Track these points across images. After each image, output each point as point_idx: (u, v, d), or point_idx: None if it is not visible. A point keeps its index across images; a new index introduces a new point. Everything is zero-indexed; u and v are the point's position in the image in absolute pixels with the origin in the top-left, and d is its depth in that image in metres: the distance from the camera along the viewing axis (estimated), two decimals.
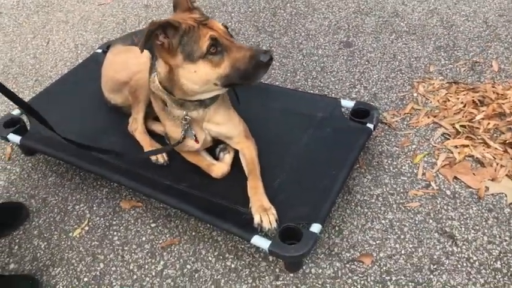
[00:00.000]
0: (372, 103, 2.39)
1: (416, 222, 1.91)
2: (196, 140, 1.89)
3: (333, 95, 2.60)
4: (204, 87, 1.66)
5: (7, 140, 2.33)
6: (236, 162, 1.99)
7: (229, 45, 1.56)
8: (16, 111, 2.46)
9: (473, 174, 2.06)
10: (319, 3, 3.47)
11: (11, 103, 2.86)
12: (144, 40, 1.50)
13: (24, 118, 2.43)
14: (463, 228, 1.87)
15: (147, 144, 2.14)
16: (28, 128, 2.39)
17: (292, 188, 1.89)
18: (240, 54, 1.54)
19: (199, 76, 1.60)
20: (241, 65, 1.55)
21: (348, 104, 2.23)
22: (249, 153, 1.96)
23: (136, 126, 2.18)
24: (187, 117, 1.80)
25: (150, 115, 2.21)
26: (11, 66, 3.31)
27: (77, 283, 1.87)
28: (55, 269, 1.94)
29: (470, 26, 2.99)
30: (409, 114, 2.41)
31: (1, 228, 2.08)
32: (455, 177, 2.06)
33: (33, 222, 2.11)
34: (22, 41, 3.60)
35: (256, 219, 1.69)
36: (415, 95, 2.53)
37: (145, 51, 2.06)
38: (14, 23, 3.87)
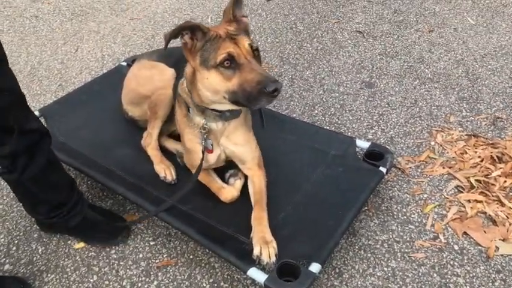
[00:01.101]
0: (387, 146, 2.36)
1: (420, 274, 1.85)
2: (211, 151, 1.88)
3: (349, 133, 2.58)
4: (215, 97, 1.67)
5: None
6: (243, 190, 1.97)
7: (244, 65, 1.56)
8: (36, 113, 2.49)
9: (484, 231, 2.00)
10: (346, 42, 3.49)
11: (33, 104, 2.95)
12: (171, 33, 1.55)
13: (43, 120, 2.47)
14: (468, 287, 1.80)
15: (157, 160, 2.14)
16: None
17: (297, 223, 1.85)
18: (250, 76, 1.54)
19: (210, 83, 1.62)
20: (248, 87, 1.54)
21: (363, 144, 2.21)
22: (258, 182, 1.94)
23: (149, 141, 2.19)
24: (206, 127, 1.81)
25: (165, 132, 2.23)
26: (38, 68, 3.39)
27: None
28: (49, 275, 1.92)
29: (496, 81, 2.96)
30: (424, 162, 2.37)
31: (105, 237, 2.03)
32: (465, 233, 2.00)
33: (34, 226, 2.11)
34: (52, 45, 3.70)
35: (256, 251, 1.66)
36: (432, 143, 2.49)
37: (171, 70, 2.10)
38: (47, 27, 3.99)
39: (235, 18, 1.69)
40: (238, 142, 1.91)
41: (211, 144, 1.87)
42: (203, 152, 1.84)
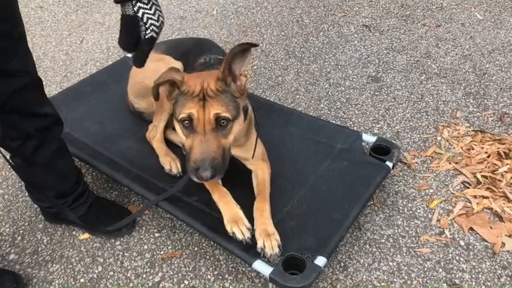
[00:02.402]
0: (393, 141, 2.35)
1: (425, 269, 1.85)
2: None
3: (355, 127, 2.57)
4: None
5: None
6: (248, 184, 1.97)
7: (198, 134, 1.56)
8: None
9: (490, 227, 1.99)
10: (352, 35, 3.47)
11: None
12: (157, 84, 1.60)
13: None
14: (473, 283, 1.79)
15: (162, 153, 2.13)
16: None
17: (302, 216, 1.85)
18: (195, 149, 1.55)
19: (177, 130, 1.66)
20: (189, 155, 1.57)
21: (369, 138, 2.20)
22: (261, 174, 1.95)
23: (155, 134, 2.18)
24: None
25: (170, 124, 2.22)
26: (43, 59, 3.38)
27: (73, 283, 1.85)
28: (53, 265, 1.92)
29: (504, 77, 2.94)
30: (430, 157, 2.36)
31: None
32: (471, 228, 1.99)
33: (40, 216, 2.11)
34: (58, 36, 3.69)
35: (259, 244, 1.66)
36: (438, 138, 2.48)
37: (179, 63, 2.09)
38: (52, 18, 3.98)
39: (230, 73, 1.58)
40: (241, 143, 1.90)
41: None
42: None
